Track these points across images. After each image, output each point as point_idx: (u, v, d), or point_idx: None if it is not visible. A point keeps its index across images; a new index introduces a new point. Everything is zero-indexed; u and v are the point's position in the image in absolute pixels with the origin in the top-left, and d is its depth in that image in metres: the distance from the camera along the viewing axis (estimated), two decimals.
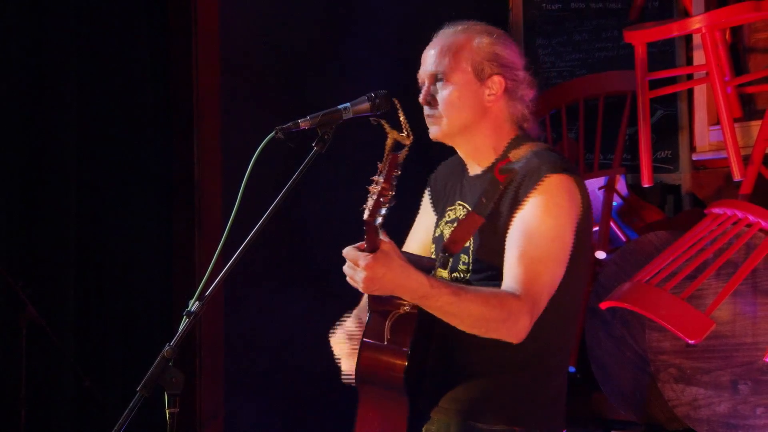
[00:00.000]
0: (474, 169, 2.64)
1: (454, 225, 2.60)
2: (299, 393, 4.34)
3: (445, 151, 2.73)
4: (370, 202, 2.21)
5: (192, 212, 4.20)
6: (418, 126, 2.51)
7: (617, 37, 4.44)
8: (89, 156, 4.13)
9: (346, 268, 2.27)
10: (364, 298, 2.67)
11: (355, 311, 2.65)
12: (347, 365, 2.55)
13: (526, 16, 4.79)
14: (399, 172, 2.23)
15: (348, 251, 2.26)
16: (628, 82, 4.17)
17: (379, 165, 2.22)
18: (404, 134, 2.30)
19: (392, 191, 2.22)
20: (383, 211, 2.20)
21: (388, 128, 2.29)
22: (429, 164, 2.84)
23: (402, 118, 2.37)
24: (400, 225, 2.93)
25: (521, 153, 2.55)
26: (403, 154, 2.25)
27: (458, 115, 2.55)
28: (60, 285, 4.02)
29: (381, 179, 2.21)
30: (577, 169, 3.72)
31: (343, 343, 2.56)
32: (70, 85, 4.08)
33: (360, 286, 2.25)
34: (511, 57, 2.61)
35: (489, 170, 2.59)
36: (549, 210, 2.43)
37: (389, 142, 2.26)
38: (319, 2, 4.57)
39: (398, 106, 2.41)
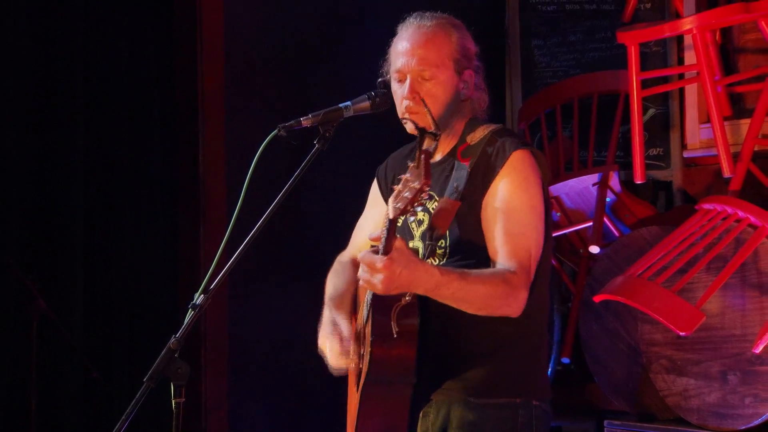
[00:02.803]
0: (433, 158, 2.62)
1: (419, 213, 2.59)
2: (301, 384, 4.34)
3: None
4: (400, 202, 2.13)
5: (197, 208, 4.20)
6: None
7: (611, 37, 4.44)
8: (97, 154, 4.13)
9: (361, 273, 2.23)
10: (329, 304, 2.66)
11: (328, 311, 2.64)
12: (338, 363, 2.54)
13: (522, 18, 4.79)
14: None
15: (364, 256, 2.22)
16: (621, 82, 4.17)
17: (410, 164, 2.13)
18: (434, 130, 2.31)
19: (430, 188, 2.18)
20: (420, 208, 2.16)
21: (416, 127, 2.30)
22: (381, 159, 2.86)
23: (430, 116, 2.42)
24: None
25: (478, 135, 2.56)
26: (434, 149, 2.24)
27: (442, 110, 2.56)
28: (69, 279, 4.03)
29: (416, 178, 2.10)
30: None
31: (334, 343, 2.54)
32: (79, 86, 4.08)
33: (379, 288, 2.21)
34: (473, 48, 2.63)
35: (450, 155, 2.59)
36: (521, 185, 2.47)
37: (422, 141, 2.23)
38: (320, 5, 4.57)
39: (426, 105, 2.47)
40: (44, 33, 4.01)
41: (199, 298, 2.27)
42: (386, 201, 2.70)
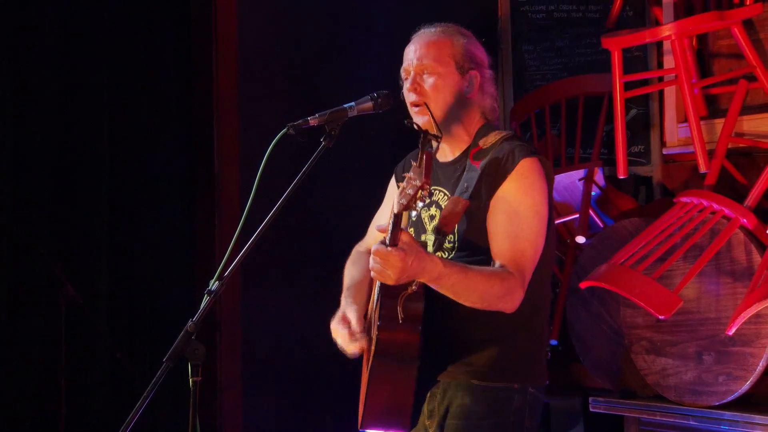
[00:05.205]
0: (445, 156, 2.64)
1: (432, 209, 2.60)
2: (310, 365, 4.35)
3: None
4: (403, 198, 2.13)
5: (212, 201, 4.21)
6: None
7: (596, 43, 4.44)
8: (119, 150, 4.14)
9: (373, 264, 2.21)
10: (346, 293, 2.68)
11: (343, 300, 2.66)
12: (350, 348, 2.55)
13: (513, 25, 4.78)
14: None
15: (378, 248, 2.20)
16: (605, 84, 4.16)
17: (414, 163, 2.14)
18: (435, 132, 2.31)
19: (430, 186, 2.19)
20: (420, 204, 2.16)
21: (418, 127, 2.29)
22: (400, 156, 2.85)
23: (432, 119, 2.42)
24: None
25: (491, 140, 2.56)
26: (435, 150, 2.24)
27: (444, 100, 2.55)
28: (95, 267, 4.04)
29: (417, 177, 2.11)
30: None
31: (343, 331, 2.56)
32: (102, 87, 4.09)
33: (391, 278, 2.21)
34: (481, 56, 2.63)
35: (462, 156, 2.59)
36: (527, 191, 2.46)
37: (425, 142, 2.24)
38: (328, 11, 4.57)
39: (429, 108, 2.47)
40: (70, 37, 4.02)
41: (214, 284, 2.28)
42: None
